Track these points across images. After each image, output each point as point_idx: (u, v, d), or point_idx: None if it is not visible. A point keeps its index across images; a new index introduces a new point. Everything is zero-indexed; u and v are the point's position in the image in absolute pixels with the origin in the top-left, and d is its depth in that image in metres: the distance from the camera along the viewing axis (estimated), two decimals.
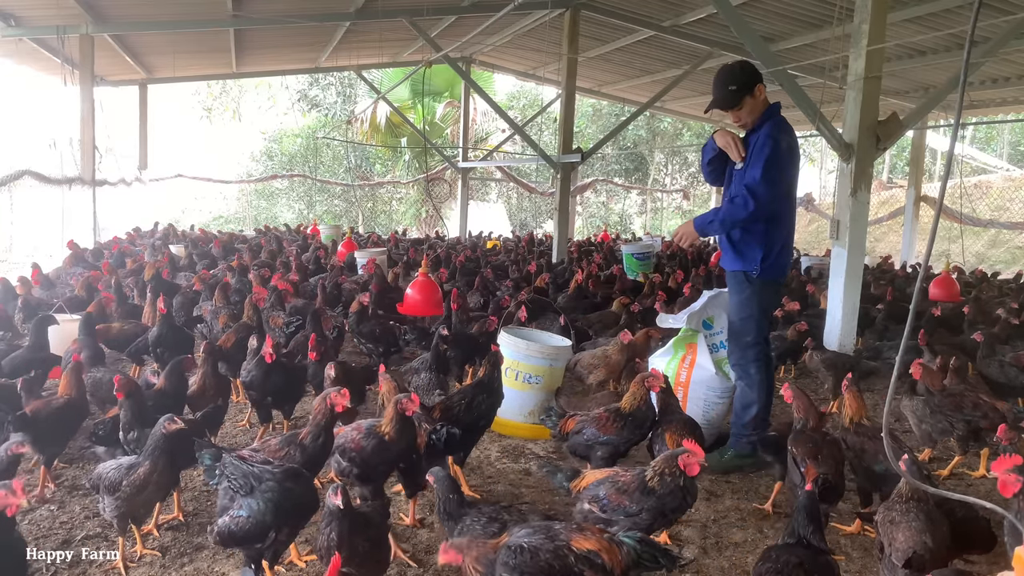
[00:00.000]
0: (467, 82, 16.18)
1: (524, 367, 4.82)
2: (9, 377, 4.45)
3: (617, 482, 3.03)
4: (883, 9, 6.07)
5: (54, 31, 10.52)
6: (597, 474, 3.19)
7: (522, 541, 2.52)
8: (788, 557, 2.53)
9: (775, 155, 4.02)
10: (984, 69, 10.95)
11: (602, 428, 3.87)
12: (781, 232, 4.28)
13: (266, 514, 2.74)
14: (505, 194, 27.61)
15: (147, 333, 5.54)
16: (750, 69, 4.20)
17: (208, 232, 14.38)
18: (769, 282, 4.30)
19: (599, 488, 3.05)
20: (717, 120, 19.60)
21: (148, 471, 3.06)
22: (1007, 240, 17.06)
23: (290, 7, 11.48)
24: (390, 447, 3.29)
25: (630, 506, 2.95)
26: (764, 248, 4.22)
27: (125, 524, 3.13)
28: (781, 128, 4.12)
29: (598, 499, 3.02)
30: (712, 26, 11.20)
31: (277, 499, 2.77)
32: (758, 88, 4.15)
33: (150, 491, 3.09)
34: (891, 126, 6.15)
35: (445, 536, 2.87)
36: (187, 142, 26.75)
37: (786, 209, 4.28)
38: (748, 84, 4.13)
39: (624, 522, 2.92)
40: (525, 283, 8.99)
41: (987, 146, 25.06)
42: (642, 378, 3.90)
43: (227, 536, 2.77)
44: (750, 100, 4.15)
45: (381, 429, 3.31)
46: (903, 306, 7.53)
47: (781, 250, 4.30)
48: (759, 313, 4.33)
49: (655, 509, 2.93)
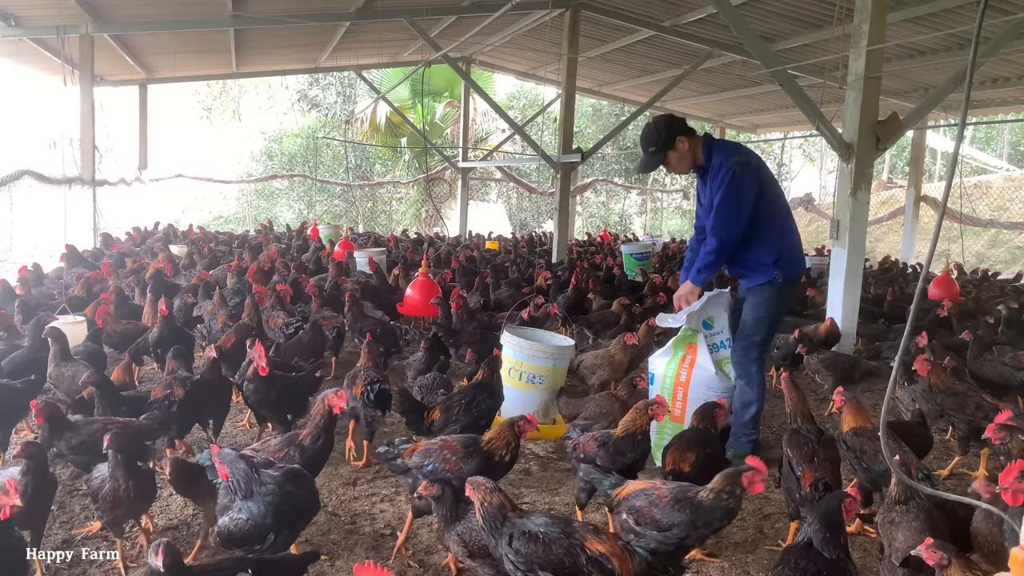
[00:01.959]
0: (467, 82, 16.18)
1: (528, 367, 4.82)
2: (10, 378, 4.45)
3: (652, 495, 2.90)
4: (883, 9, 6.07)
5: (54, 31, 10.52)
6: (638, 484, 3.05)
7: (538, 530, 2.52)
8: (807, 563, 2.48)
9: (728, 191, 4.18)
10: (984, 69, 10.94)
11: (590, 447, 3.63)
12: (778, 235, 4.37)
13: (266, 517, 2.74)
14: (505, 194, 27.60)
15: (147, 333, 5.55)
16: (663, 125, 4.35)
17: (207, 232, 14.36)
18: (790, 281, 4.45)
19: (636, 499, 2.93)
20: (717, 120, 19.64)
21: (113, 488, 2.99)
22: (1007, 240, 17.05)
23: (290, 7, 11.48)
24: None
25: (661, 521, 2.80)
26: (775, 255, 4.33)
27: (118, 530, 3.11)
28: (729, 152, 4.26)
29: (634, 510, 2.90)
30: (712, 26, 11.19)
31: (277, 502, 2.77)
32: (679, 141, 4.30)
33: (124, 508, 3.03)
34: (891, 126, 6.15)
35: (444, 534, 2.86)
36: (187, 142, 26.73)
37: (769, 216, 4.34)
38: (667, 143, 4.30)
39: (654, 537, 2.79)
40: (526, 283, 8.99)
41: (987, 146, 25.05)
42: (646, 405, 3.55)
43: (227, 537, 2.77)
44: (674, 155, 4.33)
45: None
46: (903, 306, 7.54)
47: (792, 249, 4.44)
48: (775, 315, 4.47)
49: (687, 524, 2.76)
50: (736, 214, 4.20)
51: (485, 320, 6.63)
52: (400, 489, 3.97)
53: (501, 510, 2.60)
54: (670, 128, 4.33)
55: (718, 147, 4.34)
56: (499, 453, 3.27)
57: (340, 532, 3.52)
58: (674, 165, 4.41)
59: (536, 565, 2.46)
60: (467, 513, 2.78)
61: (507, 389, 4.40)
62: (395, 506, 3.82)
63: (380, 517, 3.68)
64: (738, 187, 4.19)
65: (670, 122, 4.39)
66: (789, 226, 4.49)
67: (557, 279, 8.83)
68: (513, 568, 2.50)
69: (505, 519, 2.58)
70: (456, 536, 2.76)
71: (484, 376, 4.19)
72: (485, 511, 2.59)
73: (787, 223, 4.49)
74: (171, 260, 9.22)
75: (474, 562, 2.78)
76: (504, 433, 3.30)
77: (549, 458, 4.56)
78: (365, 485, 4.07)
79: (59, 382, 4.50)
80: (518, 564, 2.48)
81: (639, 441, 3.46)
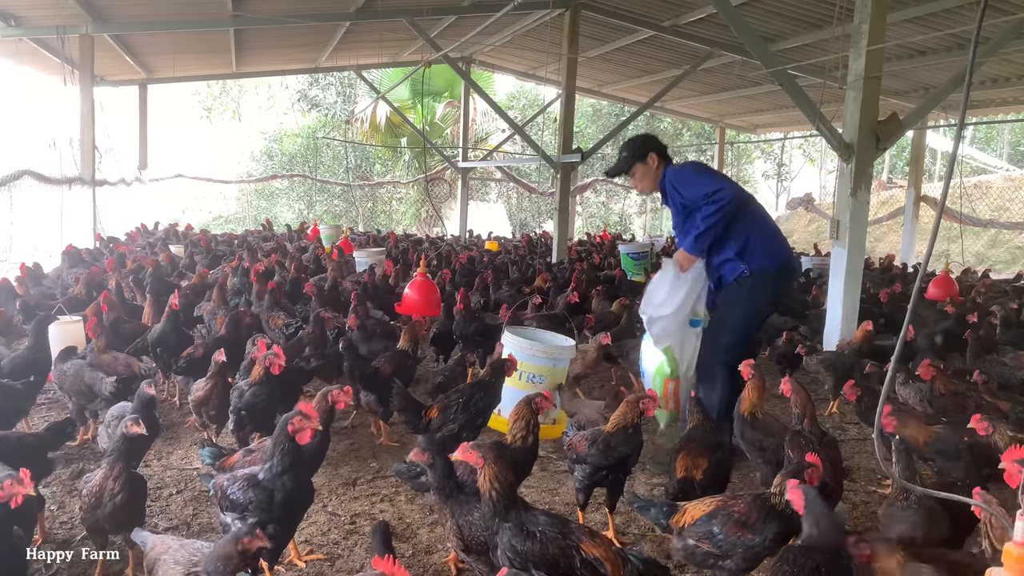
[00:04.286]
0: (467, 82, 16.18)
1: (528, 367, 4.82)
2: (10, 378, 4.45)
3: (732, 514, 2.77)
4: (883, 9, 6.06)
5: (54, 31, 10.53)
6: (702, 507, 2.88)
7: (536, 528, 2.52)
8: (805, 560, 2.50)
9: (681, 190, 4.34)
10: (984, 69, 10.94)
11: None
12: (740, 228, 4.27)
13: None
14: (505, 194, 27.61)
15: (147, 333, 5.54)
16: (644, 138, 4.63)
17: (207, 232, 14.36)
18: (761, 275, 4.25)
19: (711, 524, 2.79)
20: (716, 120, 19.64)
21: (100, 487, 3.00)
22: (1007, 240, 17.05)
23: (290, 7, 11.48)
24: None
25: (752, 538, 2.71)
26: (737, 249, 4.26)
27: (97, 539, 3.06)
28: (673, 179, 4.41)
29: (712, 535, 2.78)
30: (712, 26, 11.19)
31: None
32: (651, 157, 4.48)
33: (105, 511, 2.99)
34: (891, 126, 6.15)
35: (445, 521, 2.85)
36: (187, 142, 26.74)
37: (743, 202, 4.31)
38: (640, 154, 4.49)
39: (743, 555, 2.72)
40: (526, 284, 8.99)
41: (987, 146, 25.05)
42: (636, 399, 3.47)
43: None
44: (641, 167, 4.50)
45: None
46: (904, 306, 7.54)
47: (764, 239, 4.31)
48: (743, 318, 4.34)
49: (780, 535, 2.69)
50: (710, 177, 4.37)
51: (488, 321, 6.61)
52: (400, 489, 3.98)
53: (511, 491, 2.60)
54: (648, 143, 4.56)
55: (672, 170, 4.49)
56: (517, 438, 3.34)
57: (340, 532, 3.52)
58: (638, 178, 4.59)
59: (531, 563, 2.47)
60: (468, 503, 2.77)
61: (507, 388, 4.39)
62: (395, 506, 3.82)
63: (380, 517, 3.68)
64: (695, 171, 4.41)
65: (650, 138, 4.65)
66: (755, 218, 4.39)
67: (556, 280, 8.83)
68: (507, 561, 2.51)
69: (512, 506, 2.58)
70: (455, 528, 2.76)
71: (485, 375, 4.19)
72: (492, 490, 2.58)
73: (752, 215, 4.38)
74: (172, 260, 9.22)
75: (469, 557, 2.77)
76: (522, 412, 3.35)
77: (549, 458, 4.56)
78: (365, 485, 4.07)
79: (62, 380, 4.49)
80: (513, 560, 2.49)
81: (631, 435, 3.42)
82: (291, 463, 2.83)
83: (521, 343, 4.87)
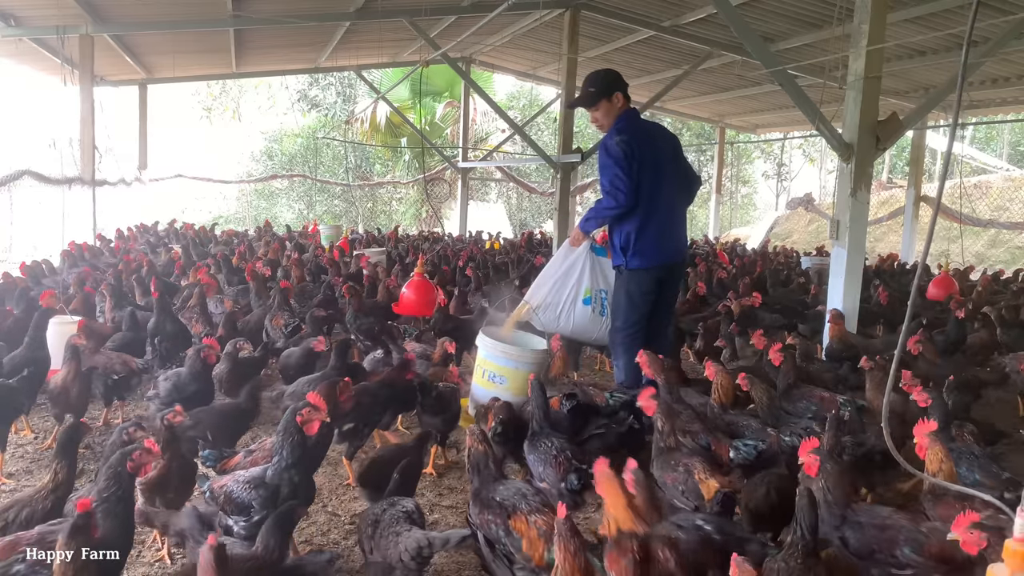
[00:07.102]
0: (467, 82, 16.18)
1: (491, 366, 4.81)
2: (8, 377, 4.44)
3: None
4: (883, 9, 6.06)
5: (54, 31, 10.51)
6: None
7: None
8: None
9: (601, 162, 4.47)
10: (984, 69, 10.93)
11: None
12: (630, 224, 4.48)
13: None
14: (505, 194, 27.61)
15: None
16: (613, 77, 4.65)
17: (207, 232, 14.34)
18: (636, 271, 4.53)
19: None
20: (716, 120, 19.64)
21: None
22: (1007, 240, 17.04)
23: (290, 7, 11.48)
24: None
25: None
26: (622, 242, 4.52)
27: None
28: (612, 135, 4.48)
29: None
30: (712, 26, 11.19)
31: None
32: (615, 96, 4.55)
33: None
34: (891, 126, 6.14)
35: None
36: (187, 142, 26.74)
37: (639, 203, 4.43)
38: (607, 90, 4.55)
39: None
40: (525, 285, 8.97)
41: (987, 146, 25.05)
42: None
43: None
44: (606, 104, 4.56)
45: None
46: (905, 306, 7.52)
47: (653, 239, 4.48)
48: (626, 302, 4.59)
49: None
50: (612, 184, 4.44)
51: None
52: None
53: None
54: (616, 83, 4.59)
55: (620, 124, 4.51)
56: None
57: (340, 532, 3.51)
58: (601, 115, 4.61)
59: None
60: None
61: (474, 386, 4.49)
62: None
63: None
64: (615, 162, 4.41)
65: (618, 77, 4.66)
66: (650, 216, 4.46)
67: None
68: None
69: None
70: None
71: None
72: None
73: (649, 214, 4.46)
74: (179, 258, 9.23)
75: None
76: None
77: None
78: None
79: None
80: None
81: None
82: (300, 456, 2.84)
83: (487, 342, 4.88)
